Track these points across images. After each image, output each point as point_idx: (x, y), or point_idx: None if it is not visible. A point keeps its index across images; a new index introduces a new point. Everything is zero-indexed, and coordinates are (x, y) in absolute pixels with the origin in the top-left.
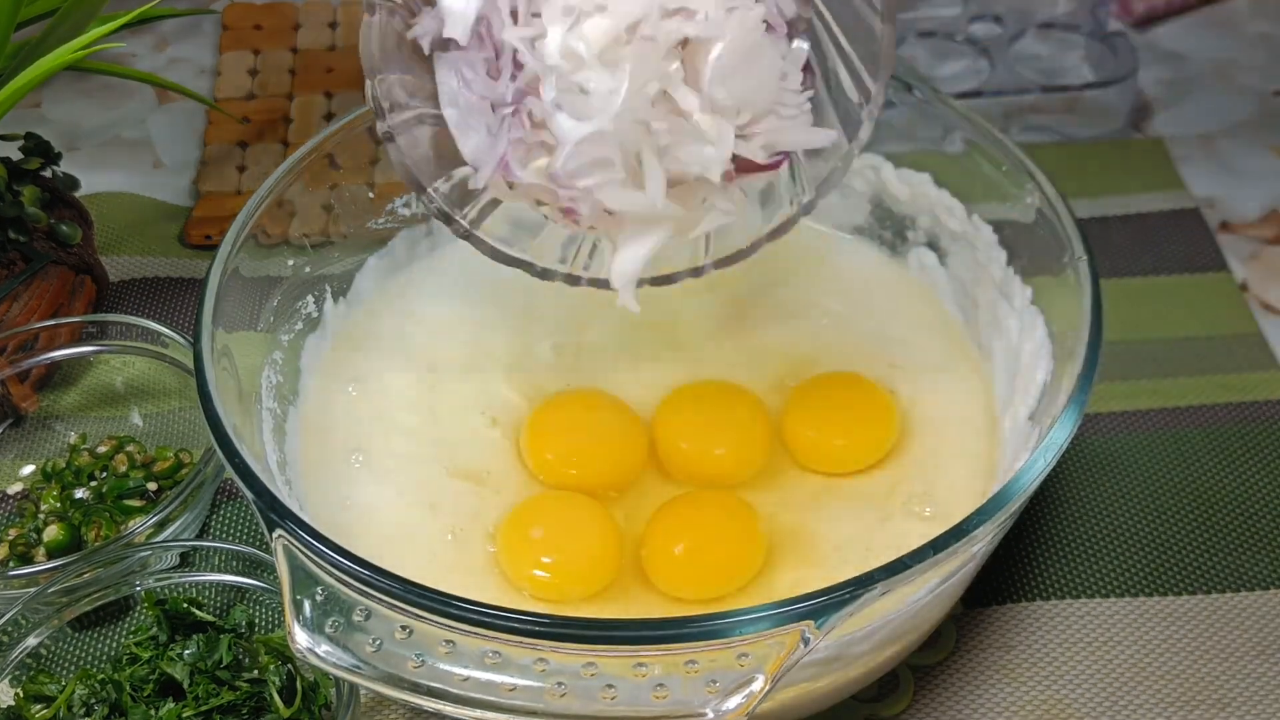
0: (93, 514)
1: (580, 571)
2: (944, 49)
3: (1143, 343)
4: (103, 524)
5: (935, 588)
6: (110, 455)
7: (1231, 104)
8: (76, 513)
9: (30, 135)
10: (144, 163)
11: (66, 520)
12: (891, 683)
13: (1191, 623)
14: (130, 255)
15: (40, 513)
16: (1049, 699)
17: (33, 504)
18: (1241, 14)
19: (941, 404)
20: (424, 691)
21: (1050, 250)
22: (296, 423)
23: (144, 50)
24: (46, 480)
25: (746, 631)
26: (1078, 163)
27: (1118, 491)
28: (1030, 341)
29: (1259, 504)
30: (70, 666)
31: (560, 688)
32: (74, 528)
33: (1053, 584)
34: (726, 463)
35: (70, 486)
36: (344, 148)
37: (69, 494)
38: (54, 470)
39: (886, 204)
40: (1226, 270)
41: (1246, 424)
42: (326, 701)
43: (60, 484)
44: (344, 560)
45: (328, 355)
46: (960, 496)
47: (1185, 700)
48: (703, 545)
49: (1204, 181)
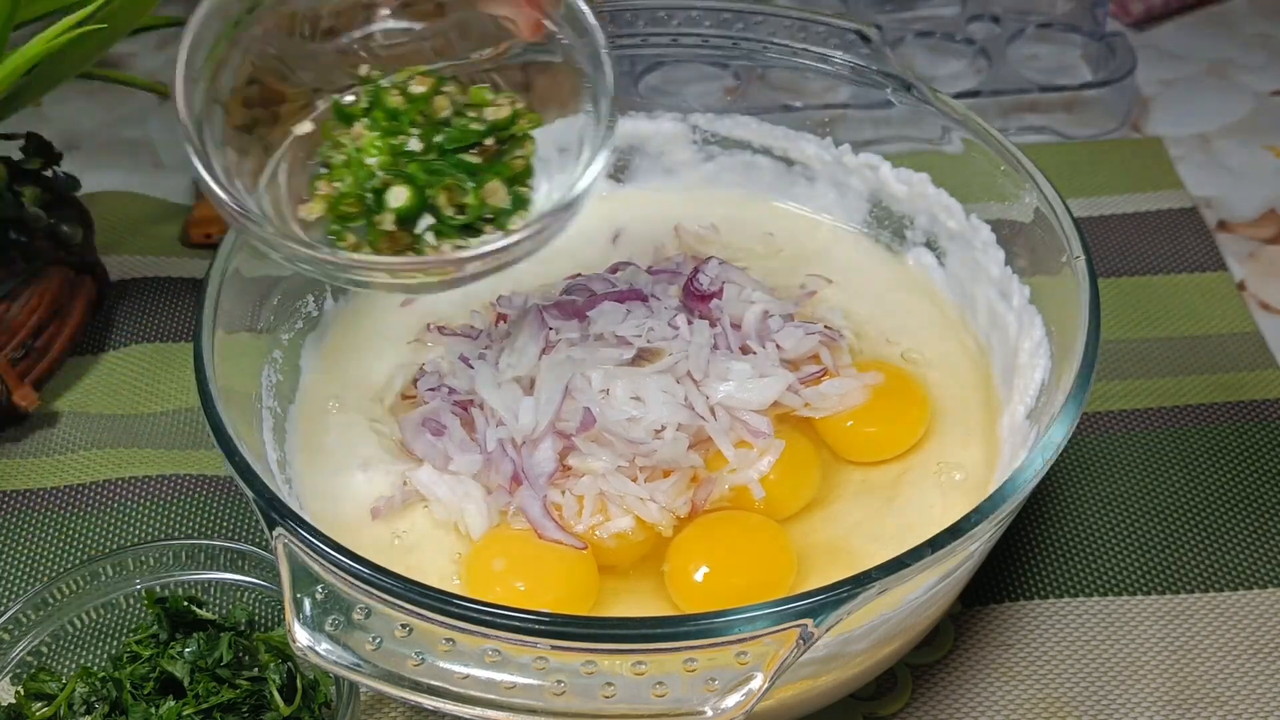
0: (436, 172)
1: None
2: (943, 49)
3: (1140, 342)
4: (461, 188)
5: (933, 586)
6: (429, 96)
7: (1229, 104)
8: (415, 166)
9: (31, 135)
10: (144, 163)
11: (407, 176)
12: (890, 681)
13: (1188, 621)
14: (130, 255)
15: (363, 159)
16: (1047, 697)
17: (332, 147)
18: (1239, 14)
19: (940, 403)
20: (424, 690)
21: (1048, 250)
22: (296, 422)
23: (144, 50)
24: (343, 121)
25: (745, 630)
26: (1076, 162)
27: (1115, 490)
28: (1028, 340)
29: (1256, 502)
30: (71, 664)
31: (560, 686)
32: (421, 190)
33: (1050, 582)
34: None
35: (389, 133)
36: None
37: (398, 142)
38: (359, 110)
39: (885, 203)
40: (1224, 269)
41: (1244, 423)
42: (326, 699)
43: (379, 126)
44: (344, 559)
45: (328, 354)
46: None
47: (1182, 698)
48: (731, 573)
49: (1202, 181)
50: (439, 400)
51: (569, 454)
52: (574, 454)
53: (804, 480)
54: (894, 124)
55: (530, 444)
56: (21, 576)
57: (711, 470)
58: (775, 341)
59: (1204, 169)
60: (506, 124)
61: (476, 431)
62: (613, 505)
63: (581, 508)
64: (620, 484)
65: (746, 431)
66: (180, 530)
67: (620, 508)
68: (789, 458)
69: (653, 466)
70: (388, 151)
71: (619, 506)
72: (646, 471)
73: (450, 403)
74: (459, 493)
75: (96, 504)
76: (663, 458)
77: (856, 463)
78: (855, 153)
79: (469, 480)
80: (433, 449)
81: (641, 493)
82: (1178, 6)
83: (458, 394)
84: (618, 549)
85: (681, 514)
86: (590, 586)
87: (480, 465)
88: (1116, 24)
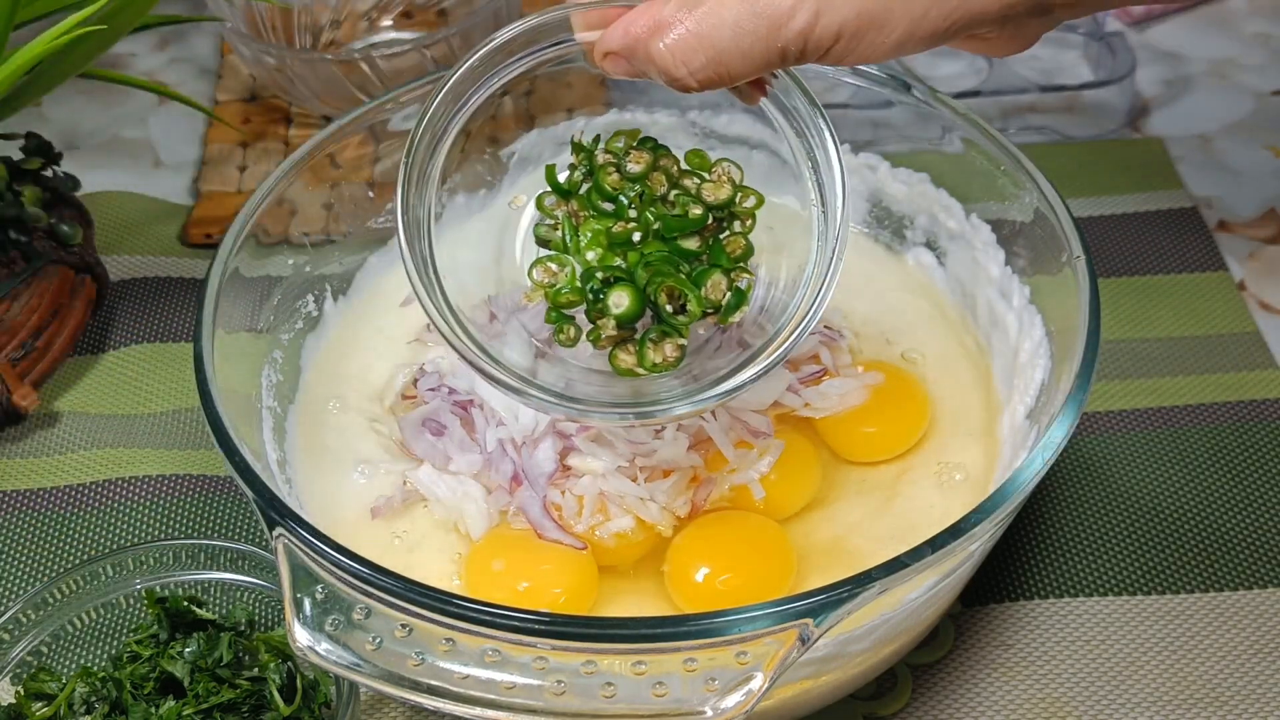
0: (658, 271)
1: (552, 605)
2: (942, 49)
3: (1140, 342)
4: (683, 291)
5: (933, 586)
6: (644, 174)
7: (1229, 103)
8: (634, 257)
9: (31, 135)
10: (144, 162)
11: (628, 277)
12: (890, 681)
13: (1188, 621)
14: (130, 255)
15: (584, 253)
16: (1047, 697)
17: (550, 228)
18: (1239, 14)
19: (940, 403)
20: (424, 689)
21: (1048, 249)
22: (296, 422)
23: (144, 50)
24: (559, 195)
25: (745, 630)
26: (1076, 162)
27: (1115, 490)
28: (1028, 340)
29: (1256, 502)
30: (71, 664)
31: (560, 685)
32: (641, 293)
33: (1050, 582)
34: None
35: (605, 215)
36: (344, 147)
37: (618, 232)
38: (575, 184)
39: (885, 203)
40: (1224, 269)
41: (1244, 423)
42: (326, 699)
43: (596, 210)
44: (344, 559)
45: (328, 354)
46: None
47: (1182, 698)
48: (732, 573)
49: (1202, 181)
50: (439, 400)
51: (569, 454)
52: (574, 454)
53: (804, 480)
54: (894, 124)
55: (530, 444)
56: (21, 576)
57: (711, 470)
58: None
59: (1204, 169)
60: (726, 204)
61: (476, 431)
62: (613, 505)
63: (581, 508)
64: (620, 484)
65: (746, 431)
66: (180, 530)
67: (620, 508)
68: (789, 458)
69: (653, 466)
70: (606, 241)
71: (619, 506)
72: (646, 471)
73: (450, 403)
74: (459, 493)
75: (96, 504)
76: (663, 458)
77: (856, 463)
78: (855, 152)
79: (469, 480)
80: (433, 449)
81: (641, 493)
82: (1178, 6)
83: (458, 394)
84: (618, 549)
85: (681, 514)
86: (590, 586)
87: (480, 465)
88: (1116, 24)
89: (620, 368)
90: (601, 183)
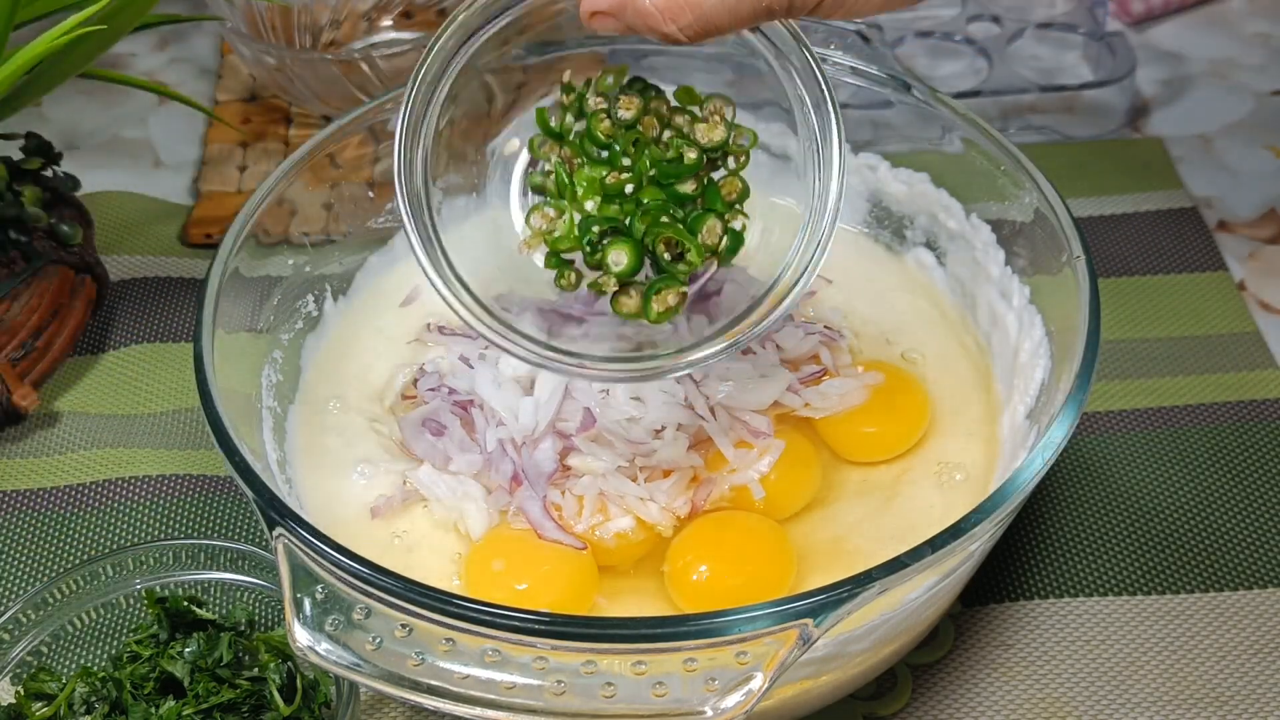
0: (655, 221)
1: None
2: (942, 49)
3: (1140, 342)
4: (683, 242)
5: (933, 586)
6: (637, 120)
7: (1229, 103)
8: (630, 207)
9: (31, 135)
10: (144, 162)
11: (626, 232)
12: (890, 681)
13: (1189, 621)
14: (130, 255)
15: (581, 202)
16: (1046, 697)
17: (543, 174)
18: (1239, 14)
19: (940, 403)
20: (424, 689)
21: (1048, 249)
22: (296, 422)
23: (144, 50)
24: (551, 137)
25: (745, 630)
26: (1076, 162)
27: (1115, 490)
28: (1028, 340)
29: (1256, 502)
30: (71, 664)
31: (560, 685)
32: (639, 246)
33: (1050, 582)
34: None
35: (599, 163)
36: (344, 147)
37: (613, 183)
38: (567, 129)
39: (884, 203)
40: (1224, 269)
41: (1244, 423)
42: (326, 699)
43: (590, 157)
44: (343, 559)
45: (328, 354)
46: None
47: (1182, 698)
48: (732, 573)
49: (1202, 181)
50: (439, 400)
51: (569, 454)
52: (574, 454)
53: (804, 480)
54: (893, 124)
55: (530, 444)
56: (21, 576)
57: (711, 470)
58: (775, 341)
59: (1204, 169)
60: (720, 146)
61: (476, 431)
62: (613, 505)
63: (581, 508)
64: (620, 484)
65: (746, 431)
66: (180, 530)
67: (620, 508)
68: (789, 458)
69: (653, 467)
70: (601, 190)
71: (619, 506)
72: (646, 471)
73: (450, 403)
74: (459, 493)
75: (96, 504)
76: (663, 458)
77: (856, 463)
78: (855, 152)
79: (469, 480)
80: (433, 449)
81: (641, 493)
82: (1178, 6)
83: (458, 394)
84: (618, 549)
85: (681, 514)
86: (590, 586)
87: (480, 465)
88: (1116, 24)
89: (623, 311)
90: (594, 130)
